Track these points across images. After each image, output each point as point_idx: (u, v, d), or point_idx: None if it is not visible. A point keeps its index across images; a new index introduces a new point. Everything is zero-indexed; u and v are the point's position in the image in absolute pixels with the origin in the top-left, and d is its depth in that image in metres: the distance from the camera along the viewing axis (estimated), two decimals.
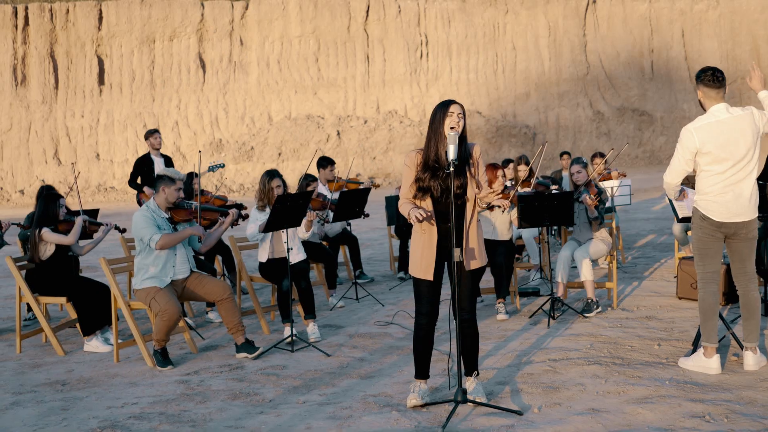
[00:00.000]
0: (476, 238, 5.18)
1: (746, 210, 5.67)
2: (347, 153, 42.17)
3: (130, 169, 12.56)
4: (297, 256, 7.70)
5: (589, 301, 7.73)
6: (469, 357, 5.35)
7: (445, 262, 5.25)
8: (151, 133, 11.40)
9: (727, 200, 5.63)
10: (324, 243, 10.38)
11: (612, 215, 8.58)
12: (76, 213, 8.49)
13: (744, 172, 5.62)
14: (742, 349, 5.93)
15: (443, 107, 5.18)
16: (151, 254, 6.76)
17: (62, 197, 7.75)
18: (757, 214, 5.73)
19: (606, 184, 10.45)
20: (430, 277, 5.14)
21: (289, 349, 6.97)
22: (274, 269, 7.58)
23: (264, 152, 42.60)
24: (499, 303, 7.89)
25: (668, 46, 47.40)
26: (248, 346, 6.82)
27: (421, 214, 4.88)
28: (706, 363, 5.77)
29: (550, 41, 46.38)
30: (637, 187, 29.51)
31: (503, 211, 8.01)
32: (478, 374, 5.36)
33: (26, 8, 44.85)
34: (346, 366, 6.43)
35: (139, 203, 11.13)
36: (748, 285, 5.87)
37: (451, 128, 5.08)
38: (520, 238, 9.91)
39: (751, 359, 5.80)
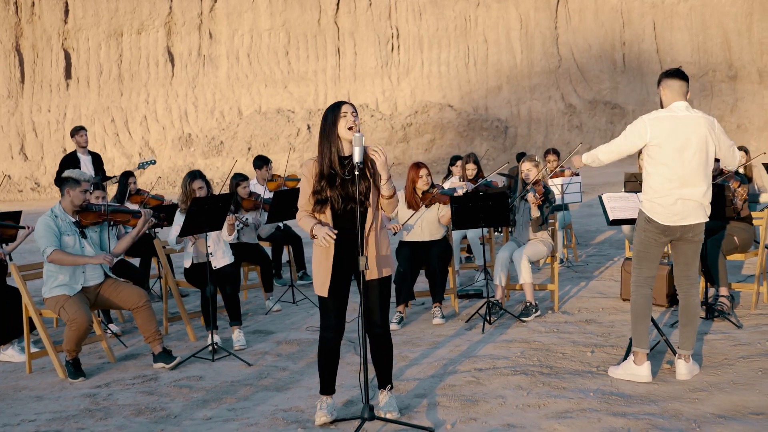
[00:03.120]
0: (377, 246, 4.88)
1: (694, 213, 5.41)
2: (317, 147, 41.75)
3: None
4: (222, 260, 7.37)
5: (528, 304, 7.46)
6: (382, 371, 5.06)
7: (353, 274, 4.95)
8: (77, 131, 10.97)
9: (674, 203, 5.38)
10: (266, 244, 10.08)
11: (555, 215, 8.30)
12: (7, 215, 8.13)
13: (693, 174, 5.37)
14: (675, 356, 5.68)
15: (334, 109, 4.87)
16: None
17: None
18: (705, 219, 5.48)
19: (556, 181, 10.20)
20: (326, 294, 4.84)
21: (209, 359, 6.65)
22: (198, 274, 7.25)
23: (234, 147, 42.17)
24: (435, 307, 7.61)
25: (640, 39, 47.37)
26: (165, 355, 6.50)
27: (328, 237, 4.58)
28: (635, 371, 5.51)
29: (522, 34, 46.22)
30: (606, 180, 29.42)
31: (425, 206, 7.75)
32: (392, 388, 5.07)
33: None
34: (266, 376, 6.13)
35: None
36: (690, 290, 5.64)
37: (349, 128, 4.76)
38: (465, 237, 9.65)
39: (683, 368, 5.55)
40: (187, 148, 42.57)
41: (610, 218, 6.20)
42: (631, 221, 6.24)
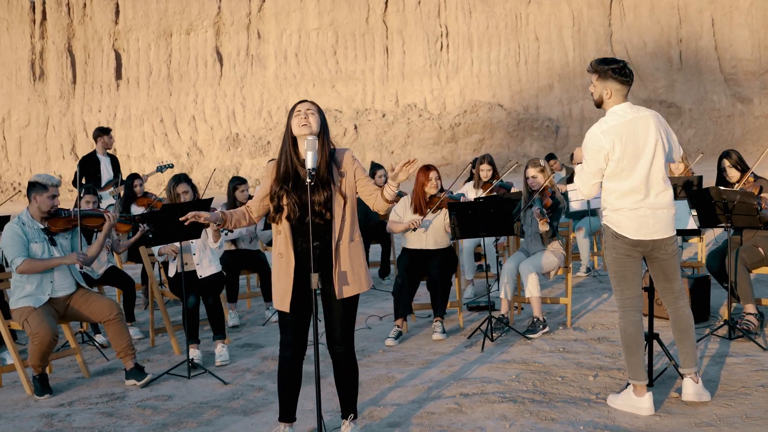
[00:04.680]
0: (349, 261, 4.37)
1: (664, 226, 4.83)
2: (364, 147, 41.41)
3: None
4: (207, 269, 6.94)
5: (535, 320, 6.89)
6: (345, 397, 4.56)
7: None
8: (105, 132, 10.64)
9: (643, 215, 4.79)
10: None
11: (569, 222, 7.69)
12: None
13: (657, 181, 4.80)
14: (681, 378, 5.09)
15: (291, 109, 4.40)
16: None
17: None
18: (674, 231, 4.89)
19: None
20: (286, 309, 4.36)
21: (185, 375, 6.23)
22: (181, 284, 6.84)
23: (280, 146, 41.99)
24: (435, 321, 7.07)
25: (697, 36, 45.94)
26: (137, 372, 6.10)
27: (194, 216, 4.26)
28: (636, 402, 4.92)
29: (575, 31, 45.20)
30: None
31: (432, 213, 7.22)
32: (355, 417, 4.57)
33: (44, 3, 44.70)
34: (238, 396, 5.68)
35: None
36: (677, 302, 5.05)
37: (303, 125, 4.27)
38: (480, 244, 9.09)
39: (690, 388, 4.96)
40: (234, 148, 42.53)
41: (571, 208, 5.59)
42: None
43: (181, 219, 4.27)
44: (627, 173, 4.77)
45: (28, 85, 43.81)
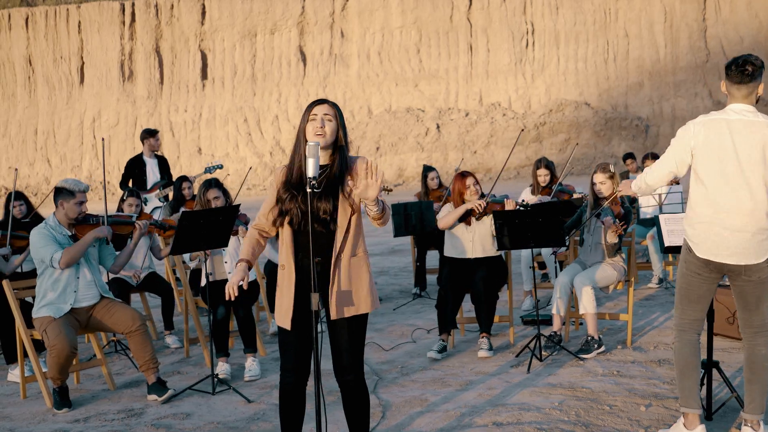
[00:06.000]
0: (348, 278, 3.94)
1: (745, 251, 4.17)
2: (446, 147, 40.88)
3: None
4: None
5: (589, 338, 6.31)
6: (356, 427, 4.12)
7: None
8: (151, 134, 10.43)
9: (719, 233, 4.17)
10: None
11: (632, 232, 7.07)
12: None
13: (746, 198, 4.14)
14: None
15: (307, 109, 3.97)
16: (50, 277, 5.81)
17: None
18: (762, 259, 4.20)
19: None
20: (288, 326, 3.95)
21: (209, 391, 5.89)
22: (212, 294, 6.51)
23: (362, 146, 41.84)
24: (482, 338, 6.56)
25: None
26: (158, 387, 5.79)
27: (230, 290, 3.79)
28: None
29: (666, 27, 43.64)
30: None
31: (476, 218, 6.72)
32: None
33: (133, 4, 45.61)
34: (258, 418, 5.30)
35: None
36: (755, 338, 4.39)
37: (317, 134, 3.86)
38: (539, 254, 8.53)
39: None
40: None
41: (665, 244, 4.98)
42: None
43: (227, 299, 3.88)
44: (710, 178, 4.17)
45: (117, 85, 44.78)
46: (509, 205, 6.66)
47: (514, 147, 7.06)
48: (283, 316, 3.96)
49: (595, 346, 6.28)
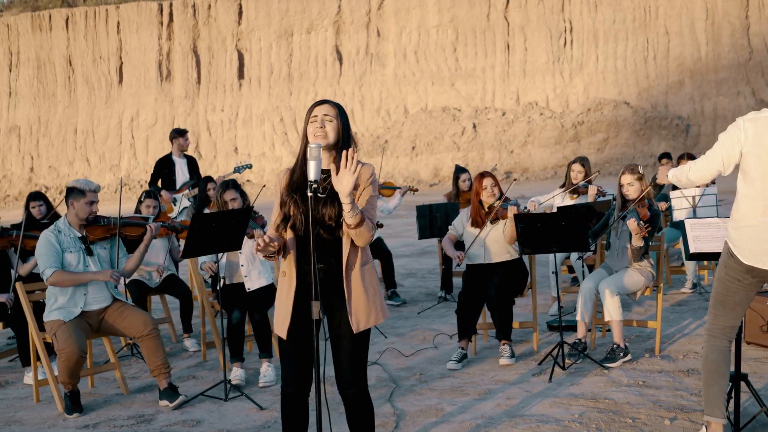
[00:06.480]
0: (363, 288, 3.76)
1: None
2: (483, 146, 40.57)
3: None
4: (257, 281, 6.46)
5: (615, 347, 6.07)
6: None
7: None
8: (181, 134, 10.36)
9: (765, 237, 3.93)
10: None
11: (662, 236, 6.80)
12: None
13: None
14: None
15: (309, 111, 3.82)
16: None
17: None
18: None
19: (687, 192, 8.59)
20: (284, 335, 3.80)
21: (221, 398, 5.77)
22: (227, 297, 6.39)
23: (398, 146, 41.68)
24: (503, 345, 6.36)
25: None
26: (170, 392, 5.68)
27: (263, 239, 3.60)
28: None
29: (708, 24, 42.85)
30: None
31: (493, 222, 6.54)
32: None
33: (171, 5, 45.88)
34: (270, 426, 5.17)
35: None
36: None
37: (317, 135, 3.70)
38: (568, 257, 8.29)
39: None
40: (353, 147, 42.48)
41: (691, 250, 4.72)
42: (715, 256, 4.69)
43: (249, 236, 3.64)
44: (760, 178, 3.94)
45: (155, 85, 45.09)
46: (511, 212, 6.43)
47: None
48: (280, 324, 3.81)
49: (621, 354, 6.04)
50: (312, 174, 3.52)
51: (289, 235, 3.79)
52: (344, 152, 3.51)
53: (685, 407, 5.03)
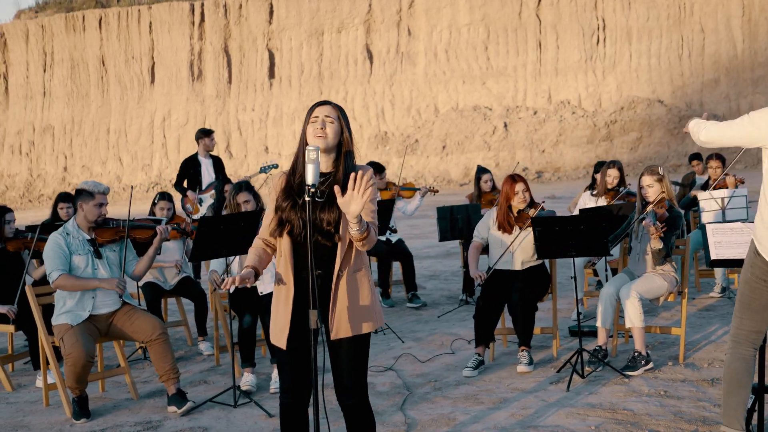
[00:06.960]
0: (347, 295, 3.62)
1: None
2: (514, 145, 40.23)
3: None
4: (269, 285, 6.34)
5: (636, 354, 5.87)
6: None
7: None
8: (207, 134, 10.32)
9: None
10: (372, 259, 9.06)
11: (687, 240, 6.56)
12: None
13: None
14: None
15: (309, 111, 3.68)
16: None
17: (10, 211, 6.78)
18: None
19: (717, 194, 8.32)
20: (283, 345, 3.67)
21: (230, 404, 5.65)
22: (240, 301, 6.27)
23: (428, 145, 41.46)
24: (521, 351, 6.18)
25: None
26: (178, 398, 5.57)
27: (231, 281, 3.43)
28: None
29: (744, 21, 42.12)
30: None
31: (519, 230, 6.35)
32: None
33: (202, 5, 46.05)
34: None
35: (183, 208, 10.17)
36: None
37: (318, 137, 3.57)
38: (590, 261, 8.08)
39: None
40: (383, 147, 42.31)
41: (712, 257, 4.50)
42: (738, 263, 4.46)
43: (223, 288, 3.52)
44: None
45: (187, 84, 45.28)
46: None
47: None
48: (278, 334, 3.68)
49: (642, 362, 5.84)
50: (310, 178, 3.39)
51: (285, 241, 3.65)
52: (352, 175, 3.33)
53: (707, 419, 4.82)
